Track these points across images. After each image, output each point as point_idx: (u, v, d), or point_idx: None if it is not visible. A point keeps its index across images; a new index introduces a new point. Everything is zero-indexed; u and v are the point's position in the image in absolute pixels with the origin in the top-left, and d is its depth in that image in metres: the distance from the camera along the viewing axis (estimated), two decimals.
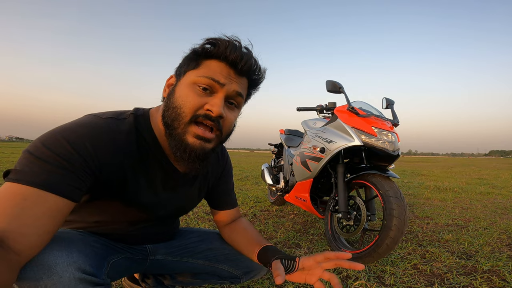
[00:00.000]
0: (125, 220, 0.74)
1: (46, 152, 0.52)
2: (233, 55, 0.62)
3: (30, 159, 0.51)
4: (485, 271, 1.44)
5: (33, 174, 0.50)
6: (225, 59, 0.63)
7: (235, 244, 0.87)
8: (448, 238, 1.97)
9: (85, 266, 0.55)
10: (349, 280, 1.32)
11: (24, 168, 0.50)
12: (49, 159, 0.51)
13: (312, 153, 1.84)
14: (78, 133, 0.56)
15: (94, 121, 0.60)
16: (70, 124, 0.58)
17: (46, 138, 0.53)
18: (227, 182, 0.92)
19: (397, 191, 1.43)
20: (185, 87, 0.63)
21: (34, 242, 0.49)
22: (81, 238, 0.63)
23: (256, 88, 0.73)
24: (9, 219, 0.46)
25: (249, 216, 2.50)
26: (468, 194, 4.14)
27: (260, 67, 0.69)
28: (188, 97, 0.62)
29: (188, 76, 0.63)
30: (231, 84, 0.64)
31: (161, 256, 0.88)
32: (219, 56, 0.63)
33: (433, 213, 2.81)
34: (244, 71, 0.65)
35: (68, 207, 0.53)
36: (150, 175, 0.69)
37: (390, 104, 1.91)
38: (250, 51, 0.66)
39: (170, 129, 0.63)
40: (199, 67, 0.63)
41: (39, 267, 0.50)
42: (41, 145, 0.52)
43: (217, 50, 0.62)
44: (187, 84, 0.63)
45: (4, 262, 0.43)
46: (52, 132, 0.55)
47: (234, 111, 0.68)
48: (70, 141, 0.54)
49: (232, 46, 0.62)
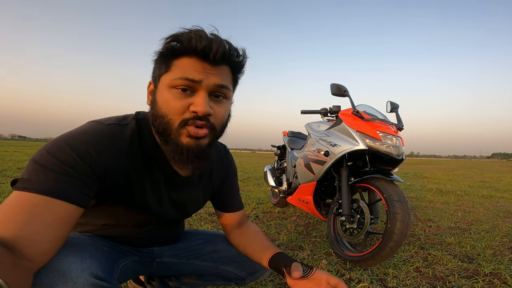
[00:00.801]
0: (131, 224, 0.76)
1: (52, 160, 0.53)
2: (200, 45, 0.57)
3: (36, 167, 0.52)
4: (487, 274, 1.45)
5: (40, 182, 0.51)
6: (194, 53, 0.59)
7: (245, 248, 0.88)
8: (450, 241, 1.98)
9: (98, 272, 0.56)
10: (351, 282, 1.33)
11: (31, 176, 0.51)
12: (55, 166, 0.52)
13: (316, 156, 1.85)
14: (82, 140, 0.57)
15: (97, 127, 0.61)
16: (73, 132, 0.59)
17: (50, 146, 0.54)
18: (232, 184, 0.93)
19: (401, 195, 1.44)
20: (164, 93, 0.60)
21: (46, 249, 0.50)
22: (92, 243, 0.64)
23: (241, 71, 0.68)
24: (20, 226, 0.47)
25: (251, 217, 2.51)
26: (471, 197, 4.13)
27: (236, 49, 0.63)
28: (170, 102, 0.59)
29: (163, 81, 0.61)
30: (208, 78, 0.60)
31: (167, 258, 0.89)
32: (186, 51, 0.59)
33: (436, 216, 2.82)
34: (219, 59, 0.60)
35: (77, 213, 0.55)
36: (153, 179, 0.70)
37: (394, 108, 1.92)
38: (218, 36, 0.61)
39: (163, 136, 0.63)
40: (170, 70, 0.60)
41: (54, 273, 0.51)
42: (46, 153, 0.53)
43: (181, 46, 0.58)
44: (164, 89, 0.60)
45: (18, 268, 0.44)
46: (56, 140, 0.56)
47: (223, 102, 0.65)
48: (74, 148, 0.55)
49: (196, 37, 0.58)
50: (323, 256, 1.66)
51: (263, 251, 0.81)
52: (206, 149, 0.64)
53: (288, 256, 0.77)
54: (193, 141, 0.61)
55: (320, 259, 1.61)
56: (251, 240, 0.87)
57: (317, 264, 1.52)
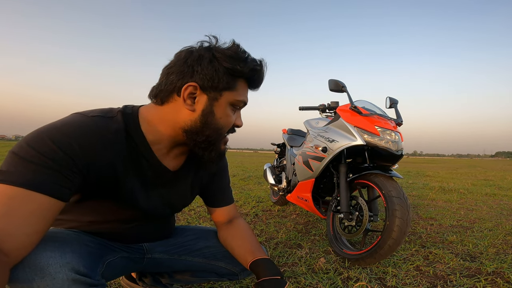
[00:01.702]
0: (118, 220, 0.74)
1: (31, 152, 0.51)
2: (261, 82, 0.72)
3: (15, 159, 0.51)
4: (490, 273, 1.41)
5: (18, 174, 0.49)
6: (252, 83, 0.71)
7: (232, 250, 0.87)
8: (452, 240, 1.94)
9: (79, 267, 0.55)
10: (349, 281, 1.30)
11: (10, 168, 0.50)
12: (34, 159, 0.50)
13: (314, 153, 1.82)
14: (64, 132, 0.55)
15: (80, 119, 0.59)
16: (55, 123, 0.57)
17: (30, 138, 0.53)
18: (222, 179, 0.91)
19: (400, 191, 1.41)
20: (225, 109, 0.68)
21: (23, 243, 0.48)
22: (76, 238, 0.62)
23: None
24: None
25: (251, 216, 2.49)
26: (474, 196, 4.08)
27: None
28: (229, 118, 0.69)
29: (228, 97, 0.67)
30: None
31: (158, 254, 0.87)
32: (249, 78, 0.69)
33: (438, 214, 2.78)
34: None
35: (57, 207, 0.53)
36: (140, 174, 0.69)
37: (393, 104, 1.89)
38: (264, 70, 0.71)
39: (206, 144, 0.68)
40: (235, 89, 0.67)
41: (31, 268, 0.50)
42: (25, 145, 0.52)
43: (254, 76, 0.69)
44: (226, 105, 0.68)
45: None
46: (37, 131, 0.54)
47: None
48: (55, 140, 0.53)
49: (261, 75, 0.70)
50: (322, 255, 1.63)
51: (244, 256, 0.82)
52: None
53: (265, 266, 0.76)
54: (224, 147, 0.74)
55: (318, 257, 1.58)
56: (235, 243, 0.86)
57: (315, 263, 1.49)
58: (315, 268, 1.43)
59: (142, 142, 0.66)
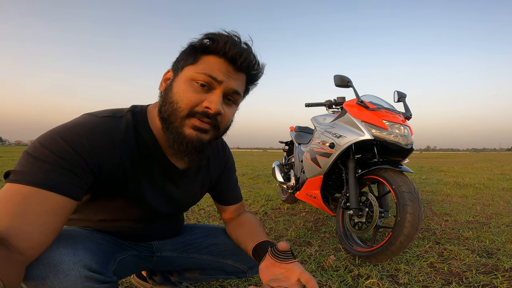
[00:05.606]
0: (128, 218, 0.75)
1: (45, 152, 0.52)
2: (233, 51, 0.61)
3: (29, 159, 0.52)
4: (507, 269, 1.36)
5: (32, 174, 0.50)
6: (224, 55, 0.62)
7: (237, 240, 0.87)
8: (468, 236, 1.88)
9: (91, 264, 0.56)
10: (360, 278, 1.28)
11: (23, 168, 0.51)
12: (48, 158, 0.51)
13: (321, 149, 1.80)
14: (76, 132, 0.56)
15: (91, 120, 0.60)
16: (67, 124, 0.58)
17: (44, 138, 0.54)
18: (230, 177, 0.92)
19: (411, 186, 1.37)
20: (183, 83, 0.62)
21: (38, 241, 0.49)
22: (88, 236, 0.64)
23: (254, 83, 0.72)
24: (11, 217, 0.47)
25: (260, 214, 2.49)
26: (490, 190, 3.95)
27: (259, 63, 0.68)
28: (186, 92, 0.61)
29: (186, 72, 0.62)
30: (229, 81, 0.63)
31: (167, 252, 0.88)
32: (218, 51, 0.62)
33: (453, 210, 2.70)
34: (243, 67, 0.64)
35: (70, 205, 0.54)
36: (150, 172, 0.69)
37: (402, 97, 1.85)
38: (249, 46, 0.65)
39: (167, 123, 0.63)
40: (197, 63, 0.62)
41: (45, 265, 0.51)
42: (39, 145, 0.53)
43: (216, 45, 0.61)
44: (184, 79, 0.62)
45: (10, 262, 0.44)
46: (49, 132, 0.55)
47: (232, 107, 0.68)
48: (68, 140, 0.54)
49: (231, 42, 0.61)
50: (332, 252, 1.61)
51: (248, 242, 0.78)
52: (205, 144, 0.65)
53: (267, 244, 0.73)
54: (195, 133, 0.62)
55: (328, 254, 1.56)
56: (240, 231, 0.85)
57: (325, 260, 1.47)
58: (325, 266, 1.41)
59: (150, 138, 0.67)
